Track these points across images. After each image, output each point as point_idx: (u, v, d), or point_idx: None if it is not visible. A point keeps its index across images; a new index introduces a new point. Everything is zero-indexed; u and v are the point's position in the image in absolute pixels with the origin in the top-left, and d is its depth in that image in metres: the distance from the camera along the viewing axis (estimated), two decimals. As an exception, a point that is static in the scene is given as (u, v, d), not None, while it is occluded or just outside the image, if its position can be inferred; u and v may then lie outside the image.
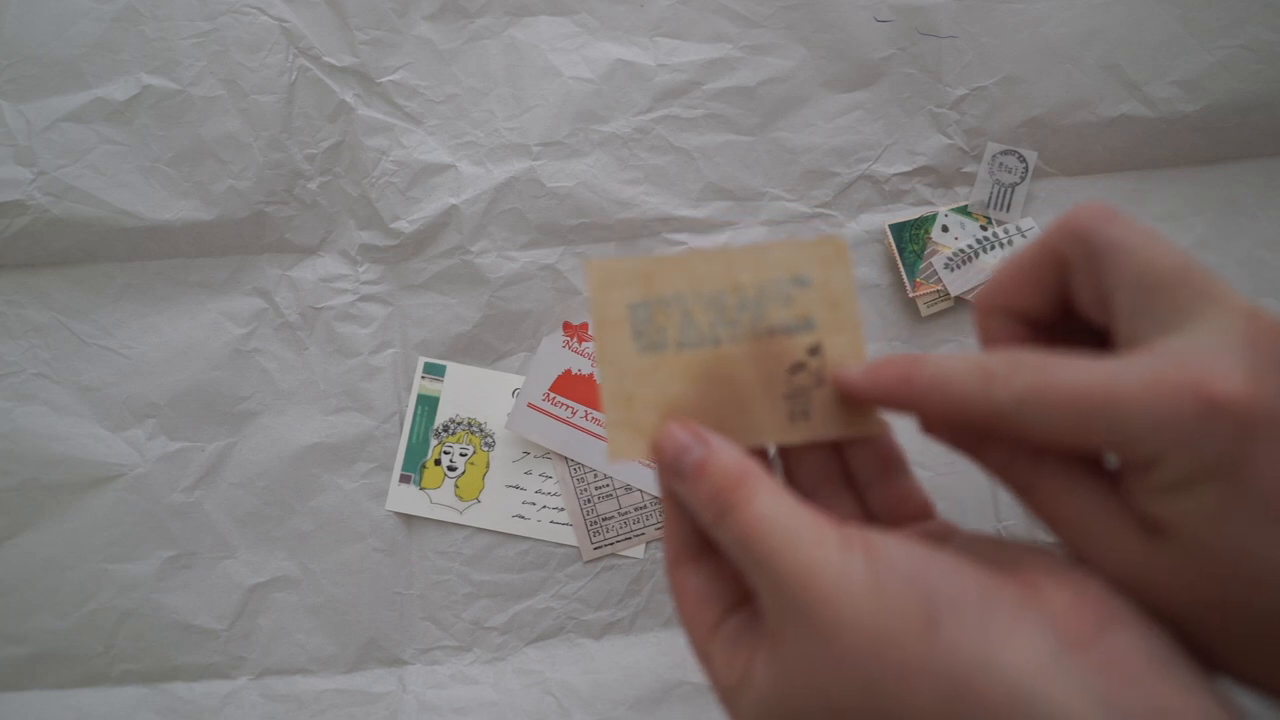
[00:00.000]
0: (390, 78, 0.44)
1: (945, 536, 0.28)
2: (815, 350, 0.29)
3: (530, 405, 0.45)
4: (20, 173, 0.43)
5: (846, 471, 0.31)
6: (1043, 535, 0.26)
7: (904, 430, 0.45)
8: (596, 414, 0.45)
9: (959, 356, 0.25)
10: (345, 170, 0.45)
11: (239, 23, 0.43)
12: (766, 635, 0.25)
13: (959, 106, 0.45)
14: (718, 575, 0.28)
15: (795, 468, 0.30)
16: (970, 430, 0.26)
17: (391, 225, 0.45)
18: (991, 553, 0.25)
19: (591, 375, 0.45)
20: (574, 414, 0.45)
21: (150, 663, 0.44)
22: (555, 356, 0.45)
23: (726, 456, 0.26)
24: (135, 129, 0.43)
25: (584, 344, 0.45)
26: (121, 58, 0.43)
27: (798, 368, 0.29)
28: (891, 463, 0.30)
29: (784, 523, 0.24)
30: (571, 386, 0.45)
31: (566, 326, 0.45)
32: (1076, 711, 0.20)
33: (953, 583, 0.23)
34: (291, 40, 0.44)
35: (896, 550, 0.24)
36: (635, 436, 0.29)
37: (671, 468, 0.27)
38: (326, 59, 0.44)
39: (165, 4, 0.43)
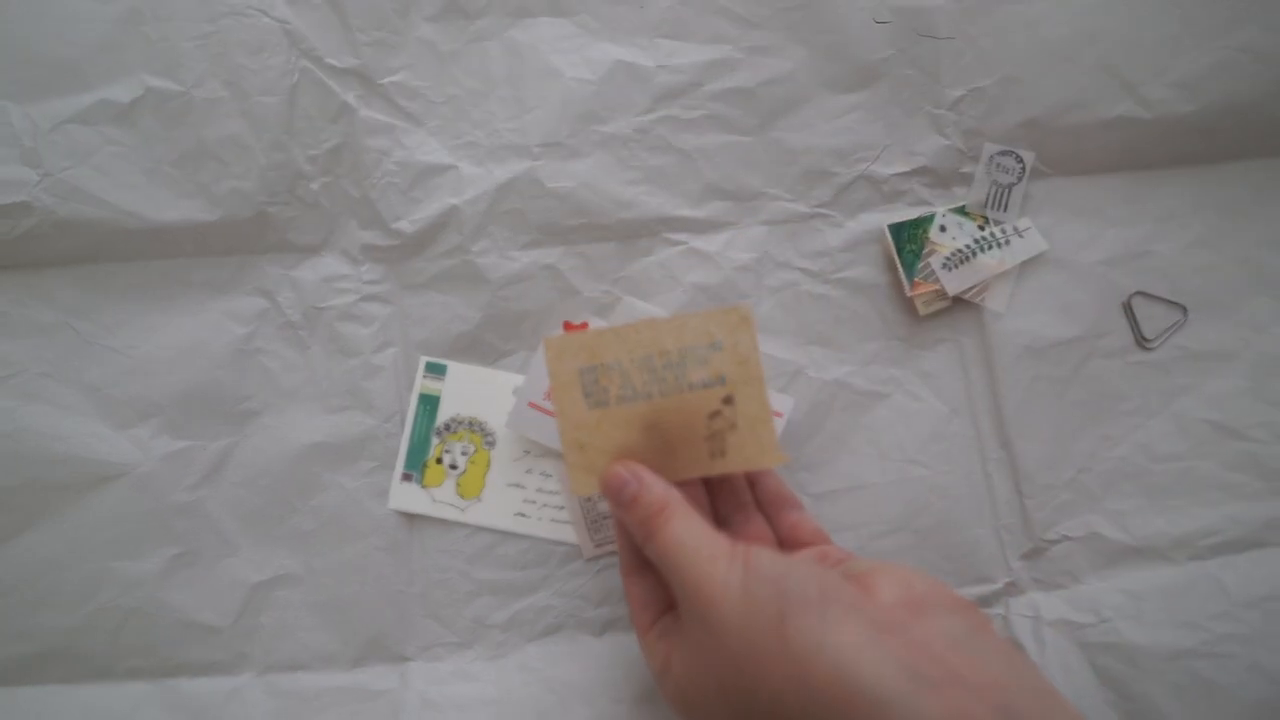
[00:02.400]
0: (391, 79, 0.45)
1: (838, 558, 0.36)
2: (729, 400, 0.36)
3: (531, 404, 0.45)
4: (26, 174, 0.43)
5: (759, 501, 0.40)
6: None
7: (906, 433, 0.45)
8: None
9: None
10: (347, 171, 0.45)
11: (241, 24, 0.43)
12: (681, 631, 0.33)
13: (957, 107, 0.45)
14: (656, 585, 0.36)
15: (715, 499, 0.39)
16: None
17: (393, 225, 0.45)
18: (858, 567, 0.33)
19: None
20: None
21: (155, 659, 0.44)
22: None
23: (654, 489, 0.34)
24: (139, 131, 0.43)
25: None
26: (124, 60, 0.43)
27: (715, 415, 0.36)
28: (783, 501, 0.39)
29: (690, 543, 0.32)
30: None
31: (566, 326, 0.45)
32: (885, 678, 0.27)
33: (802, 585, 0.30)
34: (293, 42, 0.44)
35: (766, 561, 0.31)
36: (589, 475, 0.36)
37: (614, 499, 0.35)
38: (328, 60, 0.44)
39: (167, 6, 0.43)
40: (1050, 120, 0.45)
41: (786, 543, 0.39)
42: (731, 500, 0.39)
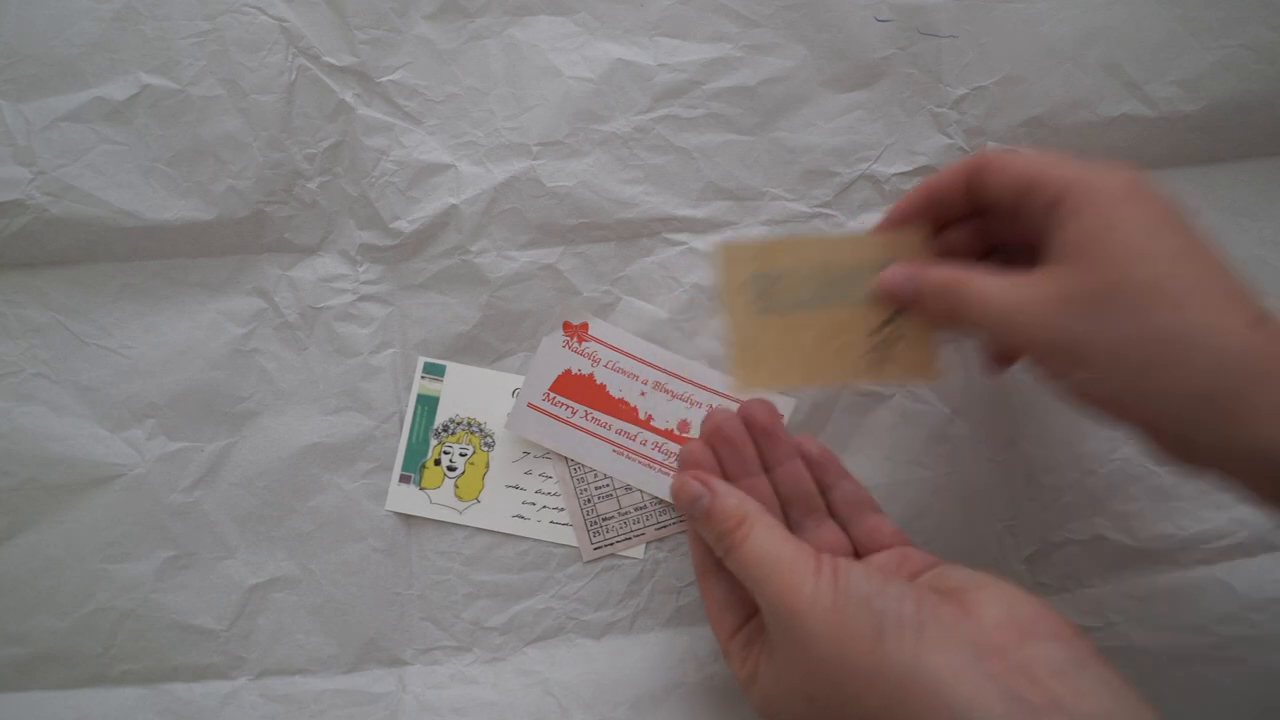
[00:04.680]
0: (390, 77, 0.44)
1: (921, 563, 0.35)
2: (895, 316, 0.37)
3: (530, 405, 0.44)
4: (19, 172, 0.42)
5: (830, 509, 0.39)
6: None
7: (908, 435, 0.45)
8: (596, 414, 0.45)
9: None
10: (345, 170, 0.45)
11: (238, 22, 0.43)
12: (767, 643, 0.32)
13: (959, 106, 0.45)
14: (735, 587, 0.35)
15: (786, 505, 0.38)
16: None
17: (391, 225, 0.45)
18: (951, 579, 0.32)
19: (591, 375, 0.45)
20: (574, 414, 0.45)
21: (150, 663, 0.44)
22: (555, 356, 0.45)
23: (728, 502, 0.34)
24: (134, 129, 0.43)
25: (584, 344, 0.45)
26: (121, 57, 0.43)
27: (880, 328, 0.38)
28: (861, 503, 0.38)
29: (773, 555, 0.31)
30: (571, 386, 0.45)
31: (566, 326, 0.45)
32: (984, 702, 0.26)
33: (897, 605, 0.29)
34: (291, 40, 0.44)
35: (857, 577, 0.30)
36: (754, 376, 0.38)
37: (688, 511, 0.35)
38: (326, 59, 0.44)
39: (164, 3, 0.43)
40: (1053, 119, 0.45)
41: (865, 546, 0.38)
42: (803, 505, 0.38)
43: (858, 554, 0.38)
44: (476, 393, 0.45)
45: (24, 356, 0.44)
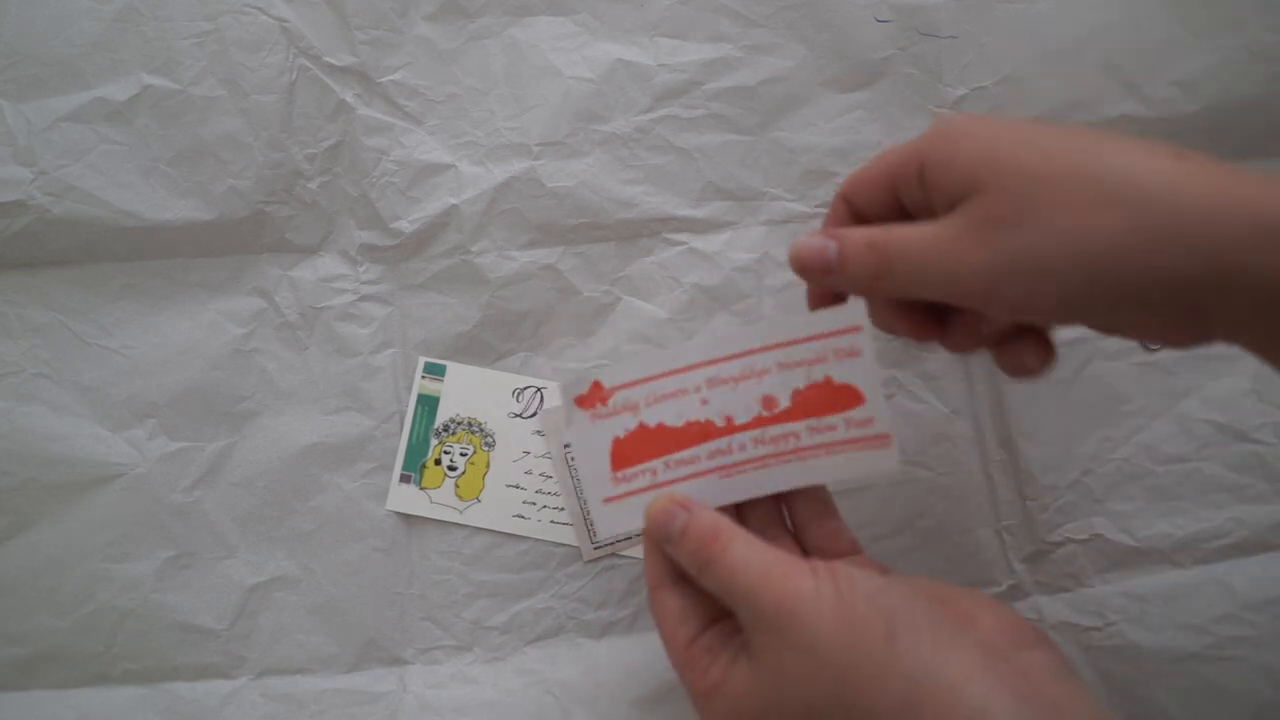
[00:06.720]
0: (390, 77, 0.44)
1: (883, 571, 0.34)
2: None
3: (607, 501, 0.37)
4: (20, 173, 0.43)
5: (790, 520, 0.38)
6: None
7: (908, 435, 0.45)
8: (678, 455, 0.37)
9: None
10: (345, 170, 0.45)
11: (239, 23, 0.43)
12: (746, 647, 0.31)
13: (959, 107, 0.45)
14: (695, 597, 0.34)
15: (748, 516, 0.37)
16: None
17: (392, 225, 0.45)
18: (929, 588, 0.32)
19: (641, 425, 0.37)
20: (656, 475, 0.37)
21: (150, 662, 0.44)
22: (593, 435, 0.38)
23: (705, 518, 0.33)
24: (135, 129, 0.43)
25: (609, 402, 0.38)
26: (121, 57, 0.43)
27: None
28: (825, 508, 0.37)
29: (758, 563, 0.30)
30: (632, 450, 0.37)
31: (580, 401, 0.38)
32: (995, 705, 0.26)
33: (907, 606, 0.29)
34: (291, 40, 0.44)
35: (860, 577, 0.30)
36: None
37: (662, 535, 0.34)
38: (326, 59, 0.44)
39: (165, 4, 0.43)
40: (1053, 120, 0.45)
41: (820, 552, 0.36)
42: (765, 515, 0.37)
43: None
44: (477, 393, 0.45)
45: (25, 356, 0.44)
